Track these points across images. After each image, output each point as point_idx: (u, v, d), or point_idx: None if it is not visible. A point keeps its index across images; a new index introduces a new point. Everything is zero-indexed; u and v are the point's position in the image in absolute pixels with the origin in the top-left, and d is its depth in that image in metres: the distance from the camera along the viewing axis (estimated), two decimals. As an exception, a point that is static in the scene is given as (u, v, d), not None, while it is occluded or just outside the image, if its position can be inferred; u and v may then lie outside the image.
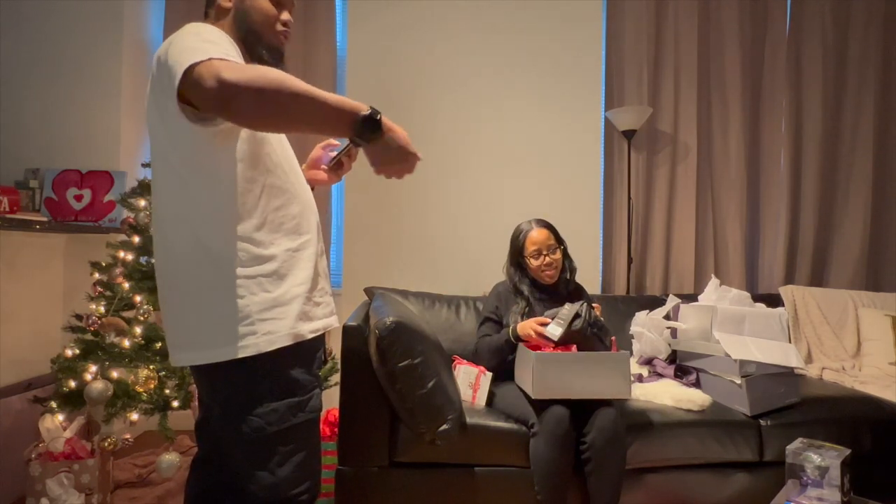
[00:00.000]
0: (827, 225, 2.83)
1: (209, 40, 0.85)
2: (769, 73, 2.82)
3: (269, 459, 0.93)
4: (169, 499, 1.86)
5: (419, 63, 2.70)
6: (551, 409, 1.54)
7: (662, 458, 1.68)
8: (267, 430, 0.92)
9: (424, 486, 1.63)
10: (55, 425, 1.72)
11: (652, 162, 2.81)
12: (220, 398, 0.96)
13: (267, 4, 1.01)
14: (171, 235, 0.93)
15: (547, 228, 1.89)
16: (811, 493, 1.27)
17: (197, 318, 0.92)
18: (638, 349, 2.15)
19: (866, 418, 1.79)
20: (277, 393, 0.93)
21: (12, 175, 2.33)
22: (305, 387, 0.97)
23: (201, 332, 0.92)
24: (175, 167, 0.90)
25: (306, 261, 1.00)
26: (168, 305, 0.97)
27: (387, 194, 2.68)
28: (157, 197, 0.96)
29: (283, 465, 0.94)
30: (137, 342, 1.85)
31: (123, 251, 1.94)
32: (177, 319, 0.95)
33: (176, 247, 0.92)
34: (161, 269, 0.98)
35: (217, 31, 0.92)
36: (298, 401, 0.95)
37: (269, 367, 0.92)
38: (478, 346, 1.89)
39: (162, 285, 0.98)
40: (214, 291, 0.90)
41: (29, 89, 2.40)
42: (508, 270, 1.97)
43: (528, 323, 1.72)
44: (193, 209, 0.90)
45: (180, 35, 0.88)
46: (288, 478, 0.95)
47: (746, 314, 1.91)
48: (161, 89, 0.86)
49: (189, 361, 0.94)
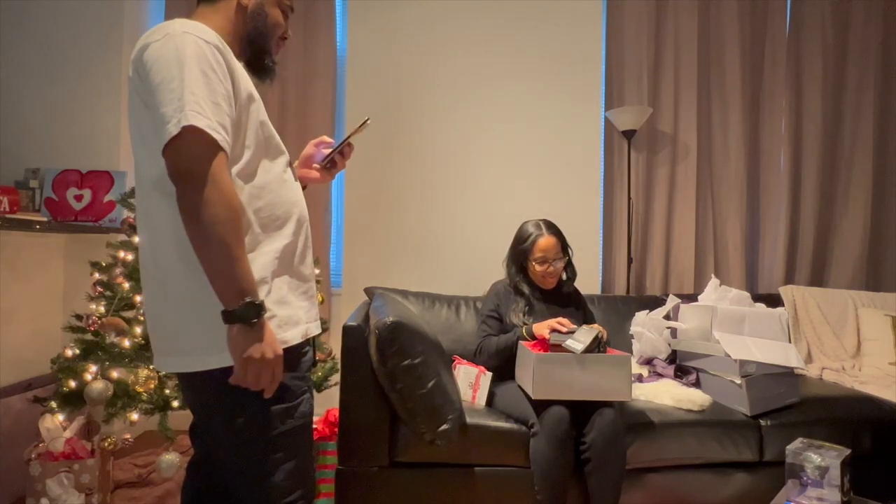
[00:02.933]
0: (827, 225, 2.83)
1: (211, 84, 0.83)
2: (769, 73, 2.82)
3: (260, 467, 0.92)
4: (169, 499, 1.86)
5: (419, 63, 2.70)
6: (551, 410, 1.54)
7: (662, 458, 1.68)
8: (255, 438, 0.90)
9: (424, 486, 1.63)
10: (55, 425, 1.72)
11: (652, 162, 2.81)
12: (205, 406, 0.94)
13: (279, 13, 1.03)
14: (157, 237, 0.90)
15: (556, 236, 1.87)
16: (811, 493, 1.27)
17: (180, 324, 0.89)
18: (638, 349, 2.15)
19: (866, 418, 1.79)
20: (265, 400, 0.89)
21: (12, 175, 2.33)
22: (294, 392, 0.95)
23: (185, 339, 0.89)
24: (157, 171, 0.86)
25: (288, 264, 0.97)
26: (152, 309, 0.94)
27: (387, 194, 2.68)
28: (142, 199, 0.93)
29: (275, 473, 0.92)
30: (137, 342, 1.85)
31: (123, 251, 1.94)
32: (160, 324, 0.93)
33: (160, 249, 0.90)
34: (146, 271, 0.94)
35: (214, 49, 0.87)
36: (286, 407, 0.93)
37: None
38: (482, 345, 1.87)
39: (147, 288, 0.95)
40: (198, 297, 0.86)
41: (29, 89, 2.39)
42: (509, 269, 1.96)
43: (549, 322, 1.70)
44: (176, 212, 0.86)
45: (175, 43, 0.83)
46: (279, 486, 0.92)
47: (746, 314, 1.91)
48: (140, 98, 0.86)
49: (173, 368, 0.92)
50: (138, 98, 0.87)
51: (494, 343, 1.83)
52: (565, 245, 1.90)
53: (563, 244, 1.89)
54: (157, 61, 0.83)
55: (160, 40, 0.85)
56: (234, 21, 0.97)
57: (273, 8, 1.01)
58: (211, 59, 0.85)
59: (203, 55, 0.84)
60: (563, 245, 1.88)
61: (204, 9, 0.98)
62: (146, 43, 0.86)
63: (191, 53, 0.83)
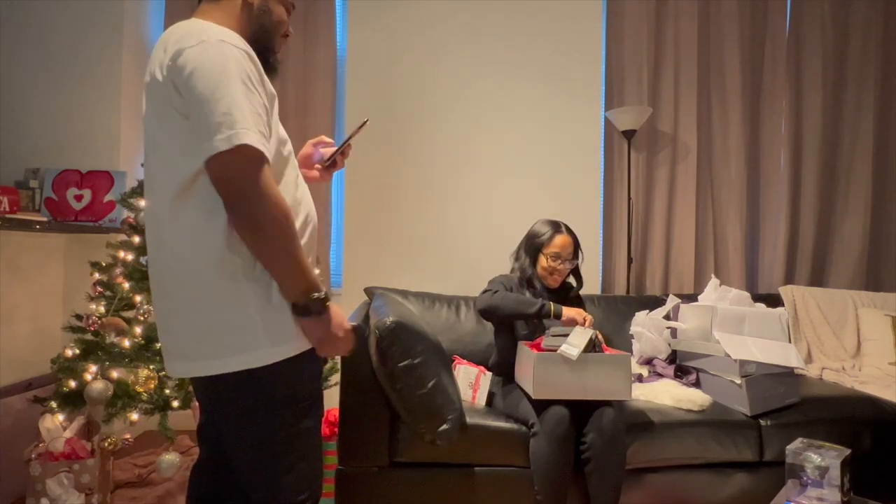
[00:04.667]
0: (827, 225, 2.83)
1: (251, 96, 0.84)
2: (769, 74, 2.82)
3: (274, 467, 0.93)
4: (169, 499, 1.86)
5: (419, 63, 2.70)
6: (551, 409, 1.54)
7: (662, 458, 1.68)
8: (272, 438, 0.92)
9: (424, 486, 1.63)
10: (55, 425, 1.72)
11: (652, 162, 2.81)
12: (222, 407, 0.94)
13: (283, 10, 1.03)
14: (182, 242, 0.88)
15: (573, 238, 1.90)
16: (811, 493, 1.27)
17: (199, 327, 0.88)
18: (638, 349, 2.15)
19: (866, 418, 1.79)
20: (282, 401, 0.92)
21: (12, 175, 2.33)
22: (310, 394, 0.97)
23: (204, 342, 0.88)
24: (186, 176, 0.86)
25: None
26: (166, 312, 0.93)
27: (387, 194, 2.68)
28: (161, 205, 0.90)
29: (289, 473, 0.93)
30: (137, 342, 1.85)
31: (123, 251, 1.94)
32: (176, 327, 0.91)
33: (175, 251, 0.89)
34: (158, 273, 0.93)
35: (248, 57, 0.88)
36: (301, 407, 0.95)
37: (273, 375, 0.90)
38: (497, 296, 1.78)
39: (159, 291, 0.94)
40: (218, 299, 0.87)
41: (29, 89, 2.39)
42: (522, 261, 1.94)
43: (579, 310, 1.72)
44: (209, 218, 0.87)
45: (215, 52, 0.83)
46: (291, 485, 0.94)
47: (746, 314, 1.91)
48: (169, 103, 0.85)
49: (191, 373, 0.91)
50: (167, 104, 0.85)
51: (513, 297, 1.78)
52: (578, 249, 1.91)
53: (576, 248, 1.90)
54: (199, 70, 0.82)
55: (195, 46, 0.83)
56: (240, 18, 0.97)
57: (277, 5, 1.02)
58: (247, 69, 0.86)
59: (241, 65, 0.85)
60: (576, 248, 1.90)
61: (208, 6, 0.97)
62: (180, 48, 0.84)
63: (233, 64, 0.84)
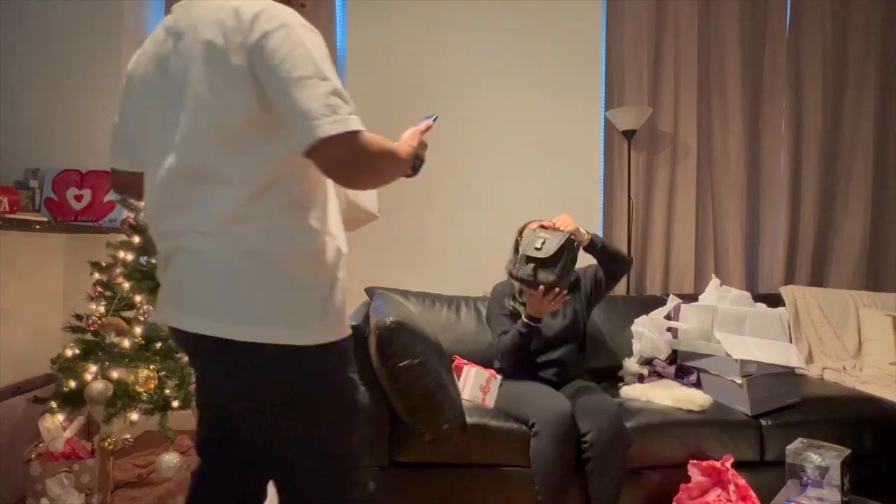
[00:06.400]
0: (827, 225, 2.83)
1: (330, 72, 0.84)
2: (769, 73, 2.82)
3: (356, 431, 0.97)
4: (169, 499, 1.86)
5: (419, 63, 2.70)
6: (552, 409, 1.55)
7: (663, 458, 1.67)
8: (360, 404, 0.96)
9: (424, 486, 1.63)
10: (55, 425, 1.72)
11: (652, 162, 2.81)
12: (310, 380, 0.91)
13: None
14: (260, 232, 0.87)
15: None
16: (811, 493, 1.27)
17: (289, 297, 0.88)
18: (638, 349, 2.15)
19: (867, 418, 1.79)
20: (355, 374, 0.99)
21: (12, 175, 2.33)
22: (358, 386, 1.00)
23: (291, 312, 0.88)
24: (259, 157, 0.87)
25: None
26: (238, 278, 0.87)
27: (387, 194, 2.66)
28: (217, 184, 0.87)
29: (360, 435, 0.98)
30: (137, 342, 1.85)
31: (123, 251, 1.94)
32: (258, 294, 0.87)
33: (261, 241, 0.87)
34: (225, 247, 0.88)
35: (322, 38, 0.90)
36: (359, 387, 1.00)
37: (344, 351, 0.98)
38: (498, 346, 1.83)
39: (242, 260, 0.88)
40: (308, 273, 0.90)
41: (29, 89, 2.39)
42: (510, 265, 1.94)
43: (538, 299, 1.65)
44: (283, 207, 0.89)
45: (302, 35, 0.84)
46: (362, 446, 1.00)
47: (747, 314, 1.91)
48: (251, 89, 0.84)
49: (285, 339, 0.86)
50: (247, 90, 0.84)
51: (504, 343, 1.80)
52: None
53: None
54: (292, 54, 0.81)
55: (279, 30, 0.82)
56: None
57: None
58: (326, 52, 0.88)
59: (324, 50, 0.87)
60: None
61: None
62: (265, 31, 0.82)
63: (319, 49, 0.86)
